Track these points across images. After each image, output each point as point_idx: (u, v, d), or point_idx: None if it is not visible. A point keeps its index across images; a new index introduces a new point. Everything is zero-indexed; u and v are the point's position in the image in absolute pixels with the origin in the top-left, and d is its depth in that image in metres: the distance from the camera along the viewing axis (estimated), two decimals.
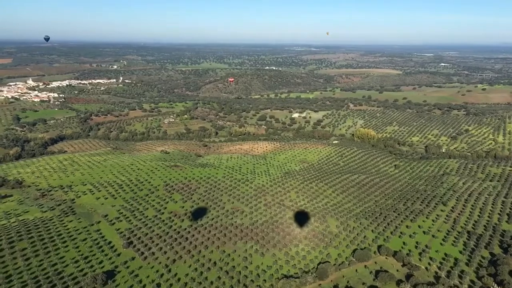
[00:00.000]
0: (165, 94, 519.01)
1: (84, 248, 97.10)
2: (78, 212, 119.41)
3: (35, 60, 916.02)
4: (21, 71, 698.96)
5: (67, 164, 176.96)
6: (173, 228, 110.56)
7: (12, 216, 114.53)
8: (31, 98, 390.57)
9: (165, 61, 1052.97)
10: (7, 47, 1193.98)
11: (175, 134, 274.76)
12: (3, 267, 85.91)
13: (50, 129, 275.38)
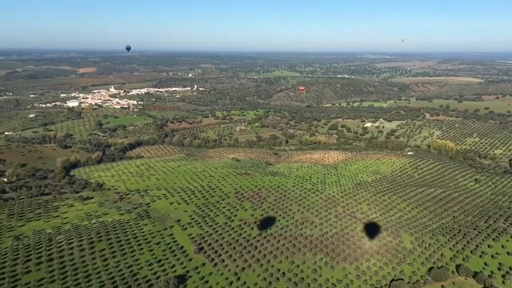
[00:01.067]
0: (237, 102, 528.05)
1: (158, 252, 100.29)
2: (153, 216, 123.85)
3: (117, 69, 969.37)
4: (104, 79, 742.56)
5: (144, 169, 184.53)
6: (242, 236, 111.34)
7: (92, 217, 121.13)
8: (112, 105, 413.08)
9: (237, 69, 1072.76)
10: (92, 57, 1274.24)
11: (246, 142, 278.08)
12: (83, 266, 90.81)
13: (129, 134, 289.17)
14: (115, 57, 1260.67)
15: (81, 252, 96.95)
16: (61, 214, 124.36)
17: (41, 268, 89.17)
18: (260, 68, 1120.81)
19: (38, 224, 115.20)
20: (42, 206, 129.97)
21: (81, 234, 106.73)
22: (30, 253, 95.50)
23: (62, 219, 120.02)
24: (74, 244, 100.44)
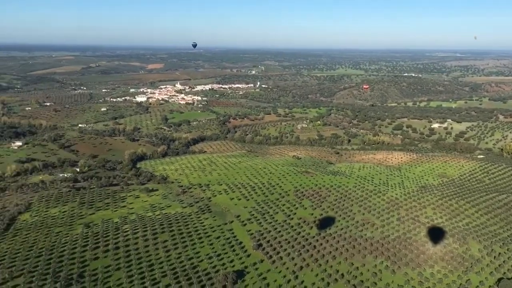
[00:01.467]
0: (299, 100, 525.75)
1: (218, 246, 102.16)
2: (213, 210, 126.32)
3: (183, 65, 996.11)
4: (171, 75, 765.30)
5: (206, 164, 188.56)
6: (301, 235, 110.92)
7: (157, 209, 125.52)
8: (178, 101, 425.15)
9: (300, 66, 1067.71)
10: (160, 53, 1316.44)
11: (307, 140, 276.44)
12: (147, 256, 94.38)
13: (193, 130, 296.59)
14: (182, 54, 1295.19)
15: (145, 242, 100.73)
16: (128, 204, 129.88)
17: (108, 255, 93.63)
18: (324, 65, 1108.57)
19: (106, 213, 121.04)
20: (111, 196, 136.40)
21: (146, 225, 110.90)
22: (99, 240, 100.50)
23: (128, 209, 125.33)
24: (139, 234, 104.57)
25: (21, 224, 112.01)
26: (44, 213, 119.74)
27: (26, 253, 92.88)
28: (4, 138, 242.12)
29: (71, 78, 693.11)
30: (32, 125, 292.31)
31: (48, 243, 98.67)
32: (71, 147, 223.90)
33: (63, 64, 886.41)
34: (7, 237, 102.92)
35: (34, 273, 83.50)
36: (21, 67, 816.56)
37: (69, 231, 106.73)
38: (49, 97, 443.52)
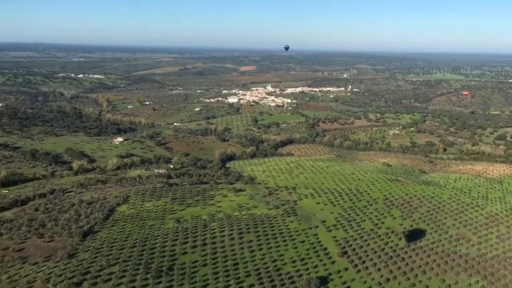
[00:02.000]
0: (392, 105, 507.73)
1: (302, 250, 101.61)
2: (299, 213, 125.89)
3: (274, 67, 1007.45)
4: (262, 78, 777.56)
5: (293, 166, 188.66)
6: (389, 245, 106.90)
7: (243, 209, 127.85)
8: (268, 103, 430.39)
9: (395, 70, 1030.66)
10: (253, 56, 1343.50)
11: (399, 147, 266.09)
12: (232, 255, 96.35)
13: (282, 132, 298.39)
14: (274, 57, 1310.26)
15: (231, 241, 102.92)
16: (216, 203, 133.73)
17: (196, 251, 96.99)
18: (420, 69, 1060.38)
19: (196, 210, 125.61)
20: (200, 194, 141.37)
21: (232, 224, 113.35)
22: (188, 236, 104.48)
23: (216, 207, 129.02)
24: (225, 233, 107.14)
25: (119, 215, 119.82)
26: (139, 206, 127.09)
27: (122, 243, 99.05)
28: (108, 134, 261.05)
29: (169, 78, 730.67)
30: (133, 122, 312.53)
31: (142, 235, 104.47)
32: (166, 145, 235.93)
33: (162, 65, 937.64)
34: (106, 226, 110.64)
35: (128, 263, 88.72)
36: (125, 67, 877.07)
37: (161, 225, 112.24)
38: (148, 96, 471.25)
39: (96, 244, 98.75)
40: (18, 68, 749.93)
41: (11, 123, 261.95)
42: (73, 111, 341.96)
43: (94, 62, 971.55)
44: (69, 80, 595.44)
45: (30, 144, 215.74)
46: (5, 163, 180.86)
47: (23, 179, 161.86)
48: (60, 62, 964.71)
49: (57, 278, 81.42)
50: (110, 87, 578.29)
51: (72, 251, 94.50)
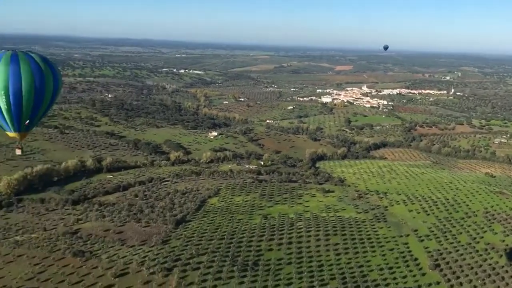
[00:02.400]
0: (499, 111, 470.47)
1: (390, 258, 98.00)
2: (389, 220, 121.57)
3: (371, 68, 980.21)
4: (358, 78, 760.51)
5: (386, 171, 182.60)
6: (487, 262, 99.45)
7: (331, 211, 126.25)
8: (362, 104, 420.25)
9: (505, 74, 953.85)
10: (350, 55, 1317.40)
11: (505, 157, 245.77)
12: (317, 256, 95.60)
13: (375, 134, 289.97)
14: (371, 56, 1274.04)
15: (317, 242, 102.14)
16: (304, 202, 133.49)
17: (281, 249, 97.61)
18: None
19: (283, 208, 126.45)
20: (289, 192, 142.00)
21: (319, 225, 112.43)
22: (274, 233, 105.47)
23: (304, 207, 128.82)
24: (311, 233, 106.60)
25: (209, 206, 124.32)
26: (229, 200, 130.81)
27: (211, 234, 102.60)
28: (204, 128, 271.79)
29: (264, 76, 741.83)
30: (227, 117, 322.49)
31: (230, 228, 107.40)
32: (258, 141, 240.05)
33: (258, 63, 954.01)
34: (197, 217, 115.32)
35: (216, 254, 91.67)
36: (223, 64, 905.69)
37: (249, 220, 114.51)
38: (243, 93, 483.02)
39: (187, 233, 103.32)
40: (127, 62, 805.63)
41: (118, 113, 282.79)
42: (173, 105, 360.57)
43: (195, 58, 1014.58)
44: (171, 74, 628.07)
45: (134, 134, 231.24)
46: (111, 150, 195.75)
47: (126, 166, 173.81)
48: (164, 57, 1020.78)
49: (151, 262, 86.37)
50: (208, 83, 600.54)
51: (165, 237, 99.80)
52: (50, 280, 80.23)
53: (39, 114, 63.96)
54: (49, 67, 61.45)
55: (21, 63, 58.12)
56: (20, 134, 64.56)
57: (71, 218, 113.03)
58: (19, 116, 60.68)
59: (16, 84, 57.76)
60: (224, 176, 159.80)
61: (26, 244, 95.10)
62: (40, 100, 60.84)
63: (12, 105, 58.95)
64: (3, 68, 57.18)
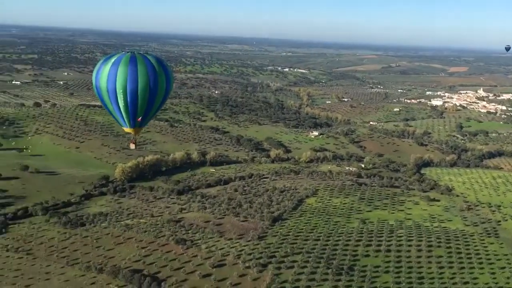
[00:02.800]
0: None
1: (500, 278, 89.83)
2: (501, 236, 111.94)
3: (489, 70, 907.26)
4: (474, 80, 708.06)
5: (500, 182, 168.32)
6: None
7: (436, 221, 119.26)
8: (477, 108, 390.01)
9: None
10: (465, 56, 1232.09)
11: None
12: (418, 267, 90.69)
13: (490, 142, 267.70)
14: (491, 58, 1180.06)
15: (418, 252, 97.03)
16: (406, 209, 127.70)
17: (379, 256, 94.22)
18: None
19: (382, 214, 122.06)
20: (390, 198, 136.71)
21: (421, 235, 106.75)
22: (372, 239, 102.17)
23: (405, 214, 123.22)
24: (412, 243, 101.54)
25: (306, 206, 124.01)
26: (327, 201, 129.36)
27: (307, 234, 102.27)
28: (305, 127, 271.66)
29: (370, 76, 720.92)
30: (329, 117, 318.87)
31: (326, 230, 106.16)
32: (360, 143, 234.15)
33: (364, 62, 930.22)
34: (294, 216, 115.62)
35: (310, 254, 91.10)
36: (328, 63, 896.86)
37: (346, 223, 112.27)
38: (347, 93, 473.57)
39: (283, 231, 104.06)
40: (234, 60, 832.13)
41: (223, 109, 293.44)
42: (276, 103, 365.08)
43: (300, 57, 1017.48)
44: (276, 73, 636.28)
45: (237, 130, 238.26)
46: (215, 145, 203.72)
47: (228, 161, 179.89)
48: (269, 56, 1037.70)
49: (247, 256, 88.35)
50: (312, 82, 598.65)
51: (262, 233, 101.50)
52: (154, 264, 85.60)
53: (152, 112, 69.46)
54: (163, 68, 66.39)
55: (138, 64, 63.29)
56: (135, 130, 70.64)
57: (175, 207, 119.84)
58: (134, 113, 66.16)
59: (133, 83, 63.02)
60: (323, 177, 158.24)
61: (135, 228, 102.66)
62: (153, 99, 65.83)
63: (129, 103, 64.44)
64: (122, 68, 62.58)
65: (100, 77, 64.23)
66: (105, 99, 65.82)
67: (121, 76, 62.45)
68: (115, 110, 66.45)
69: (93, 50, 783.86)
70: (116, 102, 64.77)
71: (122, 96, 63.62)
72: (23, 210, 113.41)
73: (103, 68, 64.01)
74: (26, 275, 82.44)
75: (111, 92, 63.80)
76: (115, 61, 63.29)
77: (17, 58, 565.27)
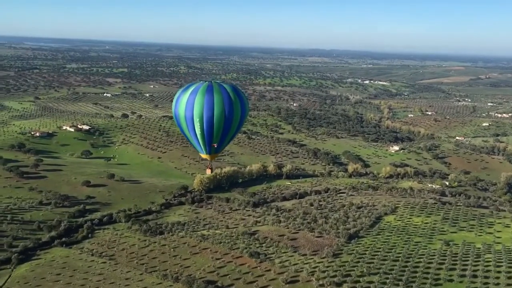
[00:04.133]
0: None
1: None
2: None
3: None
4: None
5: None
6: None
7: None
8: None
9: None
10: None
11: None
12: None
13: None
14: None
15: (508, 280, 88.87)
16: (495, 232, 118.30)
17: (464, 281, 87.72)
18: None
19: (469, 236, 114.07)
20: (477, 219, 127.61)
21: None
22: (456, 262, 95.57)
23: (494, 237, 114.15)
24: (502, 268, 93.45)
25: (385, 224, 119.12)
26: (407, 220, 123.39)
27: (384, 254, 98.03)
28: (385, 141, 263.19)
29: (457, 89, 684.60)
30: (411, 132, 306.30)
31: (406, 250, 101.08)
32: (444, 159, 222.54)
33: (451, 74, 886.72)
34: (371, 234, 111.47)
35: (388, 276, 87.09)
36: (411, 75, 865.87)
37: (428, 244, 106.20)
38: (431, 106, 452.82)
39: (359, 249, 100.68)
40: (313, 72, 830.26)
41: (300, 122, 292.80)
42: (355, 116, 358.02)
43: (381, 69, 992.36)
44: (356, 85, 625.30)
45: (314, 143, 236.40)
46: (291, 158, 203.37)
47: (304, 174, 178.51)
48: (349, 68, 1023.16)
49: (321, 273, 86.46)
50: (393, 94, 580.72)
51: (337, 250, 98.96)
52: (228, 276, 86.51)
53: (227, 139, 72.75)
54: (238, 97, 69.29)
55: (214, 93, 66.77)
56: (210, 156, 74.40)
57: (250, 219, 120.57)
58: (210, 140, 69.68)
59: (209, 112, 66.52)
60: (403, 194, 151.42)
61: (211, 239, 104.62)
62: (228, 127, 68.98)
63: (205, 130, 68.07)
64: (200, 98, 66.30)
65: (179, 105, 68.52)
66: (183, 126, 70.05)
67: (198, 104, 66.09)
68: (192, 137, 70.47)
69: (178, 63, 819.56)
70: (193, 129, 68.59)
71: (198, 124, 67.23)
72: (108, 216, 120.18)
73: (182, 97, 68.25)
74: (108, 280, 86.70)
75: (188, 119, 67.76)
76: (193, 90, 67.27)
77: (109, 72, 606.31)
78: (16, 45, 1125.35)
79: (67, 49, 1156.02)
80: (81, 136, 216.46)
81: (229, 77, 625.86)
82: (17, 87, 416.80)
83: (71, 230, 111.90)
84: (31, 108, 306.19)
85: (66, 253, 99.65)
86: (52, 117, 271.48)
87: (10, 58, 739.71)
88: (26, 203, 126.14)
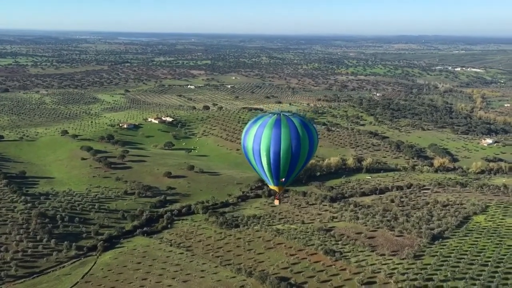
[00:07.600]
0: None
1: None
2: None
3: None
4: None
5: None
6: None
7: None
8: None
9: None
10: None
11: None
12: None
13: None
14: None
15: None
16: None
17: None
18: None
19: None
20: None
21: None
22: None
23: None
24: None
25: (473, 225, 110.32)
26: (499, 220, 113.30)
27: (472, 258, 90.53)
28: (476, 133, 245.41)
29: None
30: (507, 123, 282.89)
31: (497, 254, 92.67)
32: None
33: None
34: (458, 235, 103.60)
35: (476, 282, 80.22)
36: (508, 61, 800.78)
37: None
38: None
39: (444, 251, 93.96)
40: (399, 60, 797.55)
41: (383, 113, 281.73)
42: (444, 106, 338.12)
43: (475, 55, 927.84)
44: (446, 73, 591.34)
45: (397, 135, 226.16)
46: (372, 151, 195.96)
47: (385, 168, 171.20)
48: (439, 54, 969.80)
49: (400, 276, 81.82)
50: (488, 82, 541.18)
51: (418, 251, 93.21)
52: (302, 273, 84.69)
53: (294, 173, 72.86)
54: (307, 131, 68.92)
55: (282, 127, 67.20)
56: (278, 187, 75.06)
57: (327, 215, 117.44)
58: (277, 173, 70.39)
59: (277, 146, 67.10)
60: (496, 192, 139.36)
61: (285, 234, 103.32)
62: (295, 162, 69.21)
63: (271, 164, 68.84)
64: (267, 131, 67.07)
65: (248, 137, 69.96)
66: (251, 158, 71.33)
67: (265, 138, 66.98)
68: (260, 169, 71.48)
69: (260, 54, 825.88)
70: (260, 162, 69.69)
71: (265, 158, 68.25)
72: (186, 207, 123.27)
73: (251, 129, 69.48)
74: (184, 270, 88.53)
75: (255, 152, 68.94)
76: (262, 123, 68.24)
77: (193, 64, 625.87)
78: (111, 40, 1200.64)
79: (156, 42, 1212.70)
80: (165, 127, 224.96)
81: (310, 67, 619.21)
82: (110, 81, 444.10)
83: (152, 220, 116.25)
84: (121, 100, 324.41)
85: (147, 242, 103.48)
86: (139, 109, 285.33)
87: (104, 53, 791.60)
88: (113, 193, 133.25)
